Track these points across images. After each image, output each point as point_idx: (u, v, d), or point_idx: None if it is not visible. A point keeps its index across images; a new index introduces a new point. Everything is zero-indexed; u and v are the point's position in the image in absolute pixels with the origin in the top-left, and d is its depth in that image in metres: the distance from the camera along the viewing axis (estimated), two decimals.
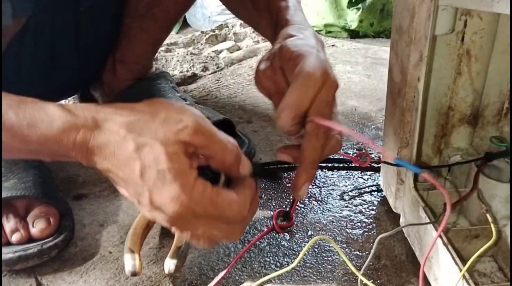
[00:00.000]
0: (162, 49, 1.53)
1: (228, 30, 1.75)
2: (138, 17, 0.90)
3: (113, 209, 0.76)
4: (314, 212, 0.74)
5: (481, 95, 0.64)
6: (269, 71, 0.53)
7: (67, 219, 0.69)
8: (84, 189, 0.81)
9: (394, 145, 0.66)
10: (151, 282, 0.61)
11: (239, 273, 0.63)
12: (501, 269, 0.58)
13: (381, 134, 0.95)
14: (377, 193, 0.79)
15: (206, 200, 0.42)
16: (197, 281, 0.61)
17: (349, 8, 1.75)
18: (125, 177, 0.42)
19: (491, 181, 0.58)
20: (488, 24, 0.59)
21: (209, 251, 0.67)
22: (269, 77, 0.54)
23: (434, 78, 0.61)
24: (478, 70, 0.62)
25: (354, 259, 0.65)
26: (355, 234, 0.69)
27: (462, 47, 0.60)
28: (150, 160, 0.40)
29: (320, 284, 0.61)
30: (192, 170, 0.42)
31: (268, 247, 0.67)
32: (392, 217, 0.72)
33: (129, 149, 0.41)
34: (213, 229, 0.44)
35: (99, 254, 0.67)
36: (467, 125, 0.66)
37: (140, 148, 0.41)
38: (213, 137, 0.43)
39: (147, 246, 0.68)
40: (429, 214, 0.57)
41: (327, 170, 0.86)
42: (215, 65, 1.40)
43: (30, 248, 0.63)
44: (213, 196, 0.42)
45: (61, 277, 0.63)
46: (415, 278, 0.61)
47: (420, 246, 0.60)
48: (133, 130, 0.41)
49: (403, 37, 0.58)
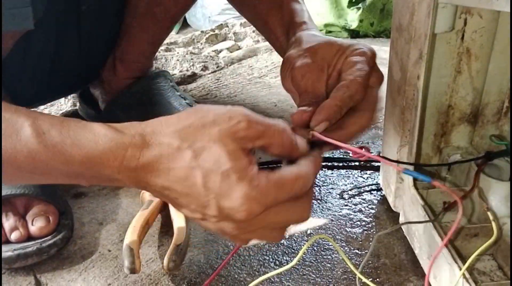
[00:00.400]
0: (162, 48, 1.53)
1: (228, 30, 1.75)
2: (139, 16, 0.90)
3: (112, 207, 0.76)
4: (313, 211, 0.74)
5: (481, 94, 0.64)
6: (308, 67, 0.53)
7: (66, 218, 0.69)
8: (83, 188, 0.81)
9: (393, 144, 0.65)
10: (150, 280, 0.61)
11: (238, 271, 0.62)
12: (500, 267, 0.58)
13: (381, 133, 0.95)
14: (376, 192, 0.79)
15: (273, 187, 0.39)
16: (196, 279, 0.61)
17: (349, 8, 1.75)
18: (186, 191, 0.39)
19: (491, 180, 0.58)
20: (488, 23, 0.59)
21: (208, 249, 0.66)
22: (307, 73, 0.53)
23: (434, 77, 0.61)
24: (478, 69, 0.62)
25: (353, 258, 0.65)
26: (354, 233, 0.69)
27: (462, 46, 0.60)
28: (211, 164, 0.38)
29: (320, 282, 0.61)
30: (253, 165, 0.40)
31: (268, 245, 0.67)
32: (392, 216, 0.71)
33: (186, 159, 0.38)
34: (284, 215, 0.41)
35: (98, 252, 0.67)
36: (467, 124, 0.66)
37: (197, 155, 0.38)
38: (266, 124, 0.41)
39: (146, 244, 0.68)
40: (429, 213, 0.57)
41: (326, 169, 0.86)
42: (215, 65, 1.40)
43: (29, 246, 0.63)
44: (278, 180, 0.40)
45: (60, 275, 0.63)
46: (414, 277, 0.61)
47: (419, 245, 0.60)
48: (186, 138, 0.39)
49: (403, 35, 0.58)
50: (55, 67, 0.84)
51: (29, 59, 0.78)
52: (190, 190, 0.39)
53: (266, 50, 1.49)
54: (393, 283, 0.60)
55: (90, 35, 0.86)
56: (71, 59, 0.86)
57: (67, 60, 0.85)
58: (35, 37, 0.75)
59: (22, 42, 0.71)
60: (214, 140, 0.38)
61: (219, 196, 0.38)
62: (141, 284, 0.61)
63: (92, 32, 0.86)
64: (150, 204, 0.69)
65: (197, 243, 0.68)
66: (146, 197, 0.71)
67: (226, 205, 0.38)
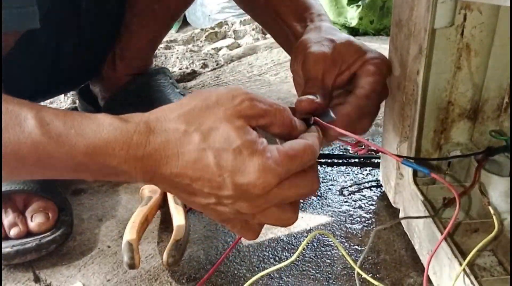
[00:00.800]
0: (161, 46, 1.53)
1: (227, 28, 1.74)
2: (139, 13, 0.90)
3: (111, 203, 0.76)
4: (313, 207, 0.74)
5: (481, 90, 0.64)
6: (323, 56, 0.54)
7: (65, 214, 0.69)
8: (83, 184, 0.81)
9: (393, 140, 0.65)
10: (150, 276, 0.61)
11: (237, 267, 0.62)
12: (501, 263, 0.58)
13: (381, 130, 0.94)
14: (376, 188, 0.78)
15: (285, 157, 0.39)
16: (196, 274, 0.61)
17: (349, 6, 1.75)
18: (198, 174, 0.39)
19: (492, 176, 0.58)
20: (487, 18, 0.59)
21: (207, 245, 0.66)
22: (321, 61, 0.54)
23: (433, 73, 0.61)
24: (478, 65, 0.62)
25: (353, 254, 0.64)
26: (354, 229, 0.69)
27: (462, 41, 0.60)
28: (222, 143, 0.38)
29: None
30: (262, 139, 0.40)
31: (267, 241, 0.67)
32: (392, 212, 0.71)
33: (195, 142, 0.38)
34: (297, 187, 0.41)
35: (97, 248, 0.67)
36: (467, 120, 0.66)
37: (206, 136, 0.38)
38: (268, 102, 0.42)
39: (145, 240, 0.68)
40: (429, 208, 0.57)
41: (326, 165, 0.86)
42: (215, 62, 1.40)
43: (28, 242, 0.63)
44: (288, 150, 0.40)
45: (59, 271, 0.63)
46: (414, 272, 0.61)
47: (419, 241, 0.60)
48: (192, 121, 0.39)
49: (403, 30, 0.58)
50: (54, 64, 0.84)
51: (29, 56, 0.78)
52: (202, 172, 0.38)
53: (265, 48, 1.49)
54: (393, 279, 0.60)
55: (90, 31, 0.86)
56: (70, 56, 0.86)
57: (66, 57, 0.85)
58: (35, 33, 0.75)
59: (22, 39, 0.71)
60: (221, 119, 0.39)
61: (233, 173, 0.38)
62: (141, 280, 0.61)
63: (92, 29, 0.86)
64: (150, 200, 0.68)
65: (197, 239, 0.68)
66: (146, 193, 0.71)
67: (242, 180, 0.38)
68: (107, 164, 0.38)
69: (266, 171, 0.38)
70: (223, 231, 0.69)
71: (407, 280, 0.60)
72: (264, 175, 0.38)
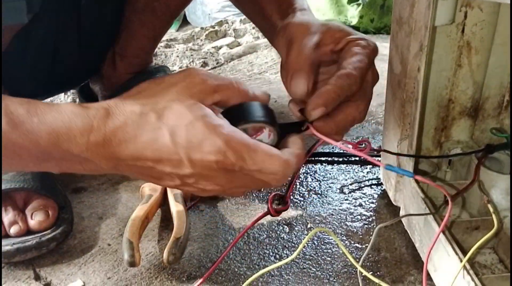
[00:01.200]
0: (161, 44, 1.53)
1: (228, 26, 1.74)
2: (139, 11, 0.90)
3: (112, 202, 0.76)
4: (313, 205, 0.74)
5: (482, 88, 0.64)
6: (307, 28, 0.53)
7: (66, 212, 0.69)
8: (83, 182, 0.81)
9: (394, 138, 0.65)
10: (150, 274, 0.61)
11: (238, 265, 0.62)
12: (501, 261, 0.58)
13: (381, 129, 0.94)
14: (376, 186, 0.78)
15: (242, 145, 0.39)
16: (196, 272, 0.61)
17: (349, 4, 1.74)
18: (157, 155, 0.39)
19: (492, 173, 0.58)
20: (488, 16, 0.58)
21: (208, 243, 0.66)
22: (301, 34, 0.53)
23: (434, 70, 0.61)
24: (479, 62, 0.62)
25: (353, 251, 0.64)
26: (354, 227, 0.69)
27: (463, 39, 0.60)
28: (175, 121, 0.39)
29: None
30: (216, 115, 0.40)
31: (268, 239, 0.67)
32: (392, 210, 0.71)
33: (152, 121, 0.39)
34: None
35: (97, 246, 0.67)
36: (468, 118, 0.66)
37: (160, 115, 0.39)
38: (220, 78, 0.43)
39: (145, 238, 0.68)
40: (429, 206, 0.57)
41: (327, 164, 0.86)
42: (215, 61, 1.40)
43: (28, 240, 0.63)
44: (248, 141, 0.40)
45: (60, 269, 0.63)
46: (415, 270, 0.61)
47: (420, 238, 0.60)
48: (147, 103, 0.40)
49: (403, 27, 0.58)
50: (54, 62, 0.84)
51: (29, 54, 0.78)
52: (161, 152, 0.39)
53: (266, 47, 1.48)
54: (393, 277, 0.60)
55: (90, 30, 0.86)
56: (70, 54, 0.86)
57: (66, 55, 0.85)
58: (35, 31, 0.75)
59: (21, 36, 0.71)
60: (173, 99, 0.40)
61: (188, 149, 0.38)
62: (141, 277, 0.61)
63: (92, 27, 0.86)
64: (150, 198, 0.68)
65: (197, 237, 0.68)
66: (146, 191, 0.71)
67: (197, 155, 0.39)
68: (70, 151, 0.39)
69: (218, 143, 0.38)
70: (224, 229, 0.69)
71: (408, 277, 0.60)
72: (218, 143, 0.38)
